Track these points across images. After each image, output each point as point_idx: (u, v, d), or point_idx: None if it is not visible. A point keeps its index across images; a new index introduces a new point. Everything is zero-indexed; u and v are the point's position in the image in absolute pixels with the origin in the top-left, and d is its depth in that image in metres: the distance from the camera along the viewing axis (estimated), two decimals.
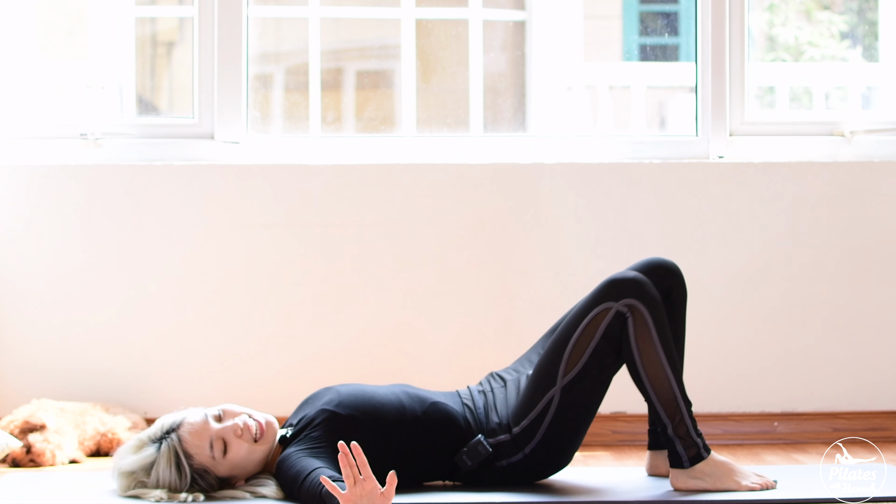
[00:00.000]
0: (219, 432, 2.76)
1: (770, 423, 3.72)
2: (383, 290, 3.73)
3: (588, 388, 2.78)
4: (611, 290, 2.77)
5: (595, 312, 2.76)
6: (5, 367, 3.68)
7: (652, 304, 2.75)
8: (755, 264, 3.76)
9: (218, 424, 2.78)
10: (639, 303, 2.74)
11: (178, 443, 2.76)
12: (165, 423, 2.80)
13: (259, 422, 2.79)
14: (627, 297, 2.75)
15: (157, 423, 2.82)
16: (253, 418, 2.79)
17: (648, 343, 2.73)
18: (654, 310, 2.75)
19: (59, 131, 3.77)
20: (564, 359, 2.77)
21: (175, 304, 3.70)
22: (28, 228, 3.69)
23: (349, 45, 4.55)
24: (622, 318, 2.74)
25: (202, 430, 2.77)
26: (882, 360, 3.77)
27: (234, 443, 2.75)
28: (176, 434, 2.77)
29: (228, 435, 2.76)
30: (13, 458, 3.31)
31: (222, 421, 2.79)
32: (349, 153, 3.84)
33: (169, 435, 2.77)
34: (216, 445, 2.75)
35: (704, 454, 2.75)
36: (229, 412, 2.80)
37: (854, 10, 4.63)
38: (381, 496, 2.42)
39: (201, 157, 3.78)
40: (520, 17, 4.65)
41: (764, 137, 3.85)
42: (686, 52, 4.44)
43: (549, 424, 2.77)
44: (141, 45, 4.38)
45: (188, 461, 2.75)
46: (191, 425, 2.77)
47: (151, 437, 2.79)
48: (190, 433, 2.76)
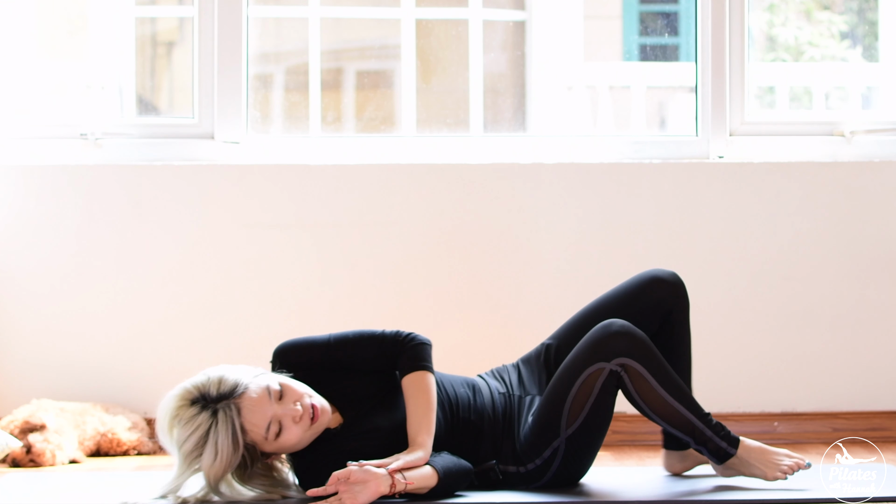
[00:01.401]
0: (278, 415, 2.60)
1: (770, 423, 3.72)
2: (383, 290, 3.73)
3: (594, 429, 2.77)
4: (601, 347, 2.72)
5: (589, 372, 2.72)
6: (5, 367, 3.68)
7: (644, 356, 2.71)
8: (755, 264, 3.76)
9: (278, 405, 2.60)
10: (630, 360, 2.70)
11: (237, 415, 2.57)
12: (221, 385, 2.59)
13: (316, 406, 2.64)
14: (619, 357, 2.70)
15: (207, 380, 2.61)
16: (311, 401, 2.64)
17: (650, 392, 2.72)
18: (647, 360, 2.72)
19: (59, 131, 3.77)
20: (565, 414, 2.74)
21: (175, 304, 3.70)
22: (28, 228, 3.69)
23: (349, 45, 4.55)
24: (617, 376, 2.71)
25: (263, 408, 2.59)
26: (882, 360, 3.77)
27: (290, 428, 2.60)
28: (234, 405, 2.58)
29: (287, 419, 2.60)
30: (13, 458, 3.31)
31: (282, 400, 2.62)
32: (349, 153, 3.84)
33: (227, 403, 2.58)
34: (273, 428, 2.59)
35: (732, 451, 2.78)
36: (289, 390, 2.63)
37: (854, 10, 4.63)
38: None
39: (201, 157, 3.77)
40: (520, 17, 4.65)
41: (764, 137, 3.85)
42: (686, 52, 4.43)
43: (559, 466, 2.78)
44: (141, 45, 4.38)
45: (243, 437, 2.58)
46: (251, 401, 2.58)
47: (205, 399, 2.58)
48: (250, 409, 2.58)
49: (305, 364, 2.77)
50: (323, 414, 2.65)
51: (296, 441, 2.63)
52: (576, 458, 2.78)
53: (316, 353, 2.78)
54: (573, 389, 2.73)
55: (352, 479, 2.55)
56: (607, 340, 2.72)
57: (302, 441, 2.65)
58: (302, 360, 2.77)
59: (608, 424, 2.80)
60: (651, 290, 2.93)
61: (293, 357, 2.78)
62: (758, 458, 2.80)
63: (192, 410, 2.59)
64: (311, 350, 2.78)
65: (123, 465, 3.35)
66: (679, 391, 2.74)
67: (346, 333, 2.80)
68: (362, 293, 3.73)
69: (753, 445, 2.81)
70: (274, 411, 2.60)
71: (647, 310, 2.92)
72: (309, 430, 2.64)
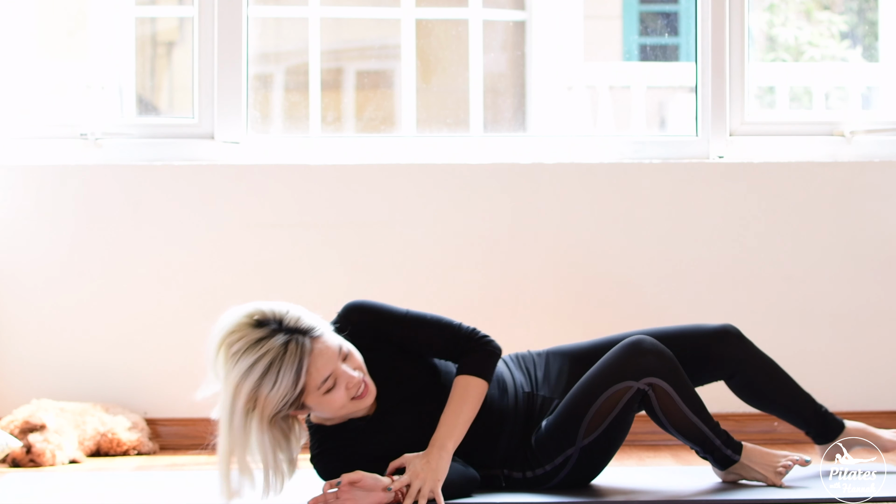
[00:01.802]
0: (338, 372, 2.53)
1: (770, 423, 3.72)
2: (383, 290, 3.73)
3: (610, 441, 2.75)
4: (631, 365, 2.69)
5: (616, 389, 2.69)
6: (5, 367, 3.68)
7: (672, 376, 2.70)
8: (755, 264, 3.76)
9: (341, 364, 2.55)
10: (659, 380, 2.69)
11: (307, 354, 2.50)
12: (299, 321, 2.52)
13: (367, 385, 2.59)
14: (648, 376, 2.69)
15: (286, 311, 2.53)
16: (365, 379, 2.60)
17: (675, 411, 2.72)
18: (676, 381, 2.71)
19: (59, 131, 3.77)
20: (584, 425, 2.72)
21: (175, 304, 3.70)
22: (28, 228, 3.69)
23: (349, 45, 4.55)
24: (643, 394, 2.70)
25: (330, 359, 2.52)
26: (882, 360, 3.77)
27: (340, 391, 2.53)
28: (309, 342, 2.51)
29: (342, 380, 2.53)
30: (13, 458, 3.31)
31: (345, 362, 2.57)
32: (349, 153, 3.84)
33: (302, 338, 2.51)
34: (328, 382, 2.51)
35: (736, 458, 2.79)
36: (352, 358, 2.58)
37: (854, 10, 4.63)
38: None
39: (201, 157, 3.77)
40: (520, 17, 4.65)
41: (764, 137, 3.85)
42: (686, 52, 4.44)
43: (568, 474, 2.77)
44: (141, 45, 4.38)
45: (304, 377, 2.50)
46: (324, 347, 2.51)
47: (279, 326, 2.51)
48: (319, 354, 2.51)
49: (370, 327, 2.72)
50: (368, 396, 2.60)
51: (338, 406, 2.56)
52: (586, 467, 2.77)
53: (386, 322, 2.73)
54: (597, 403, 2.70)
55: (360, 483, 2.53)
56: (637, 359, 2.70)
57: (338, 411, 2.59)
58: (369, 322, 2.72)
59: (625, 436, 2.78)
60: (719, 347, 2.92)
61: (363, 317, 2.72)
62: (758, 460, 2.81)
63: (262, 332, 2.49)
64: (384, 317, 2.73)
65: (123, 465, 3.35)
66: (698, 406, 2.74)
67: (424, 314, 2.77)
68: (362, 293, 3.72)
69: (754, 448, 2.82)
70: (336, 367, 2.54)
71: (703, 360, 2.92)
72: (349, 405, 2.59)
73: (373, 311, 2.73)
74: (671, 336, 2.90)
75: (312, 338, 2.51)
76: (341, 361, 2.56)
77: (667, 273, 3.75)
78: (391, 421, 2.70)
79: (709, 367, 2.93)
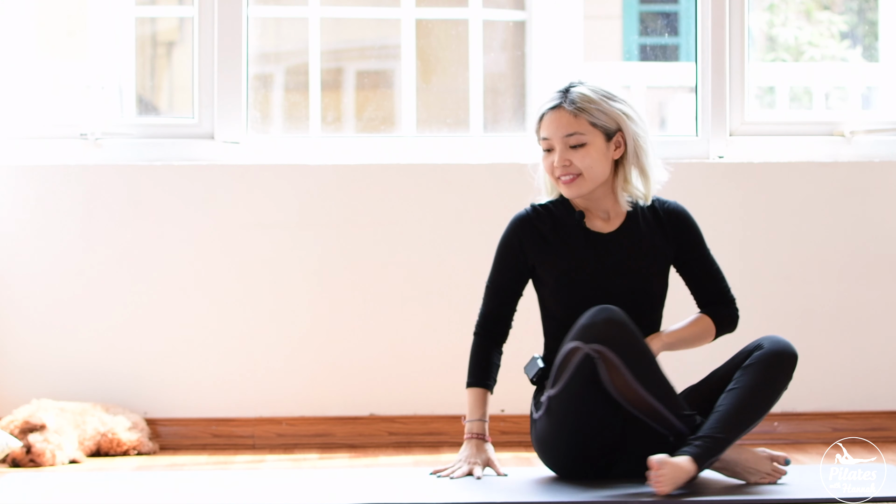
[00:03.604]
0: (556, 144, 2.93)
1: (770, 423, 3.72)
2: (383, 290, 3.73)
3: (566, 406, 2.78)
4: (586, 328, 2.73)
5: (568, 348, 2.75)
6: (5, 367, 3.68)
7: (622, 347, 2.72)
8: (755, 264, 3.76)
9: (566, 143, 2.89)
10: (606, 349, 2.71)
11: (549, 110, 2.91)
12: (581, 86, 2.91)
13: (574, 176, 2.90)
14: (596, 343, 2.71)
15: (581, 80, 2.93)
16: (572, 171, 2.90)
17: (622, 382, 2.73)
18: (625, 351, 2.72)
19: (59, 131, 3.77)
20: (552, 373, 2.81)
21: (175, 304, 3.70)
22: (28, 228, 3.69)
23: (349, 45, 4.55)
24: (592, 360, 2.73)
25: (555, 128, 2.91)
26: (882, 360, 3.77)
27: (551, 160, 2.93)
28: (555, 105, 2.91)
29: (555, 153, 2.92)
30: (13, 458, 3.31)
31: (573, 149, 2.89)
32: (349, 153, 3.84)
33: (561, 97, 2.91)
34: (547, 143, 2.95)
35: (684, 430, 2.76)
36: (586, 152, 2.90)
37: (854, 10, 4.63)
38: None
39: (201, 157, 3.77)
40: (520, 17, 4.65)
41: (764, 137, 3.85)
42: (686, 52, 4.43)
43: (541, 424, 2.84)
44: (141, 45, 4.38)
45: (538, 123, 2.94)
46: (558, 116, 2.90)
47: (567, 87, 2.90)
48: (551, 118, 2.92)
49: (685, 228, 3.04)
50: (572, 186, 2.89)
51: (547, 169, 2.94)
52: (551, 426, 2.81)
53: (697, 236, 3.05)
54: (560, 355, 2.79)
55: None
56: (592, 323, 2.74)
57: (550, 175, 2.94)
58: (688, 226, 3.04)
59: (582, 418, 2.78)
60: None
61: (687, 222, 3.04)
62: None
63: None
64: (698, 232, 3.06)
65: (123, 465, 3.35)
66: (651, 380, 2.74)
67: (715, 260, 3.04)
68: (362, 293, 3.73)
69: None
70: (555, 137, 2.90)
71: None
72: (559, 183, 2.92)
73: (694, 225, 3.03)
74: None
75: (563, 104, 2.86)
76: (568, 145, 2.85)
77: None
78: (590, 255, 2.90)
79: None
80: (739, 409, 2.75)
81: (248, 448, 3.67)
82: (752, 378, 2.78)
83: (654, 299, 2.96)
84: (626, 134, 2.90)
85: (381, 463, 3.37)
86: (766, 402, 2.78)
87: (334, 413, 3.70)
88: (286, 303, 3.71)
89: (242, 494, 2.85)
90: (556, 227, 2.94)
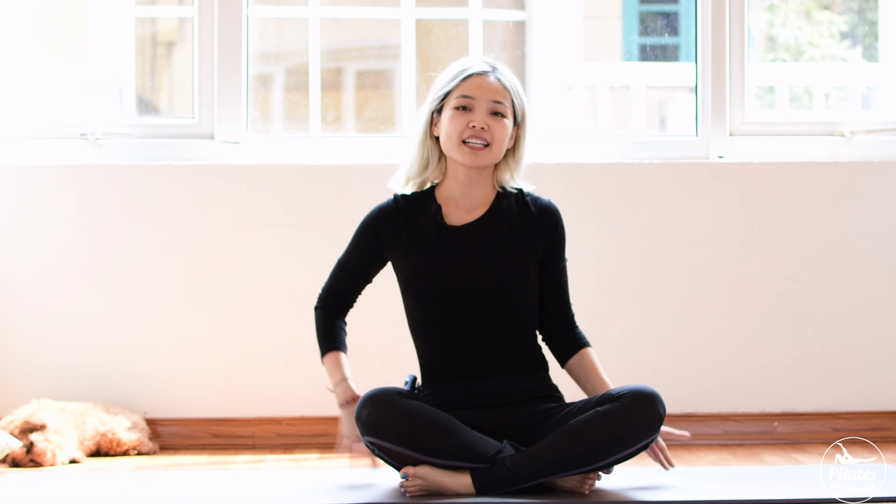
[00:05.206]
0: (480, 105, 2.83)
1: (770, 423, 3.72)
2: (383, 289, 3.72)
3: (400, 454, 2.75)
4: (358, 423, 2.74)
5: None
6: (5, 367, 3.68)
7: (389, 430, 2.69)
8: (755, 264, 3.76)
9: (490, 109, 2.82)
10: (378, 440, 2.70)
11: (476, 74, 2.86)
12: (505, 70, 2.88)
13: (490, 144, 2.81)
14: (367, 436, 2.72)
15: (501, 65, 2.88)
16: (488, 137, 2.81)
17: (409, 458, 2.71)
18: (392, 433, 2.70)
19: (59, 131, 3.77)
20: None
21: (175, 304, 3.70)
22: (28, 228, 3.69)
23: (349, 45, 4.55)
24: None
25: (485, 91, 2.83)
26: (882, 360, 3.77)
27: (467, 118, 2.81)
28: (488, 68, 2.86)
29: (475, 114, 2.82)
30: (13, 458, 3.31)
31: (494, 116, 2.82)
32: (349, 153, 3.84)
33: (489, 64, 2.87)
34: (465, 101, 2.83)
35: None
36: (500, 124, 2.83)
37: (854, 10, 4.63)
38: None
39: (201, 157, 3.78)
40: (520, 17, 4.65)
41: (764, 137, 3.85)
42: (686, 52, 4.43)
43: None
44: (141, 45, 4.38)
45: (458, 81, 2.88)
46: (491, 81, 2.84)
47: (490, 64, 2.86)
48: (481, 81, 2.85)
49: (554, 231, 2.93)
50: (484, 153, 2.82)
51: (455, 132, 2.81)
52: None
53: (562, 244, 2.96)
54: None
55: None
56: (358, 418, 2.74)
57: (453, 139, 2.81)
58: (558, 228, 2.94)
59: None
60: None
61: (557, 222, 2.94)
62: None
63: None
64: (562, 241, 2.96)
65: (123, 465, 3.35)
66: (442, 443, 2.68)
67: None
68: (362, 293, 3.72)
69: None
70: (482, 99, 2.81)
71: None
72: (463, 149, 2.81)
73: (563, 229, 2.93)
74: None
75: (497, 75, 2.81)
76: (491, 111, 2.79)
77: (666, 273, 3.75)
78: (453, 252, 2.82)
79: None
80: (550, 451, 2.67)
81: (248, 448, 3.67)
82: (587, 425, 2.67)
83: (516, 297, 2.82)
84: (522, 128, 2.87)
85: (381, 463, 3.36)
86: (580, 459, 2.66)
87: (334, 413, 3.69)
88: (286, 303, 3.71)
89: (242, 494, 2.85)
90: (410, 222, 2.87)
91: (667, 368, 3.72)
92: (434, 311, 2.82)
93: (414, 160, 2.91)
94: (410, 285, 2.87)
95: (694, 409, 3.72)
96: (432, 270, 2.82)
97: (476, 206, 2.87)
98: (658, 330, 3.73)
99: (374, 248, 2.92)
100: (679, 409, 3.69)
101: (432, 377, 2.87)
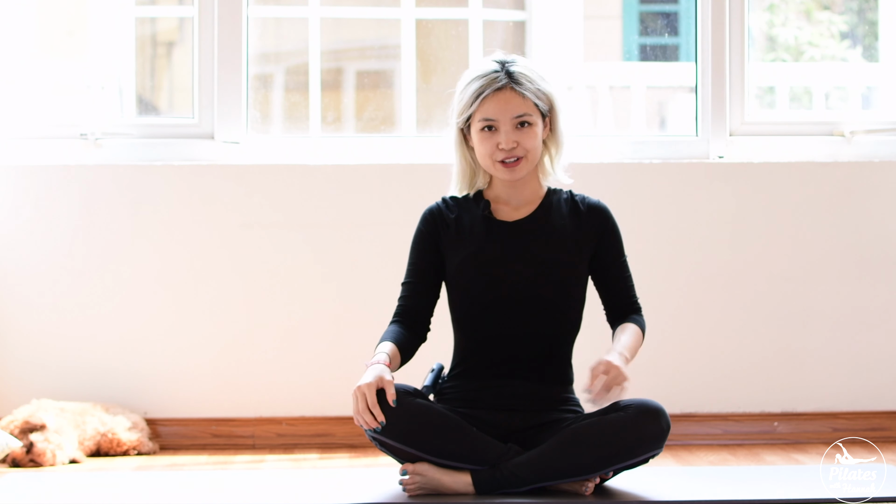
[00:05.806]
0: (504, 126, 2.79)
1: (770, 423, 3.72)
2: (383, 290, 3.73)
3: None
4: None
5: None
6: (5, 367, 3.68)
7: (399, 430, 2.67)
8: (755, 264, 3.76)
9: (514, 124, 2.78)
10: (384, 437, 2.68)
11: (495, 88, 2.78)
12: (517, 62, 2.81)
13: (520, 159, 2.79)
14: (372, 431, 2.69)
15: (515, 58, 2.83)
16: (518, 154, 2.79)
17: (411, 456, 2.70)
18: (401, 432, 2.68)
19: (59, 131, 3.77)
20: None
21: (175, 304, 3.70)
22: (28, 228, 3.69)
23: (349, 45, 4.55)
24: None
25: (504, 109, 2.78)
26: (882, 360, 3.77)
27: (494, 141, 2.79)
28: (505, 82, 2.78)
29: (500, 134, 2.79)
30: (13, 458, 3.31)
31: (520, 130, 2.79)
32: (349, 153, 3.84)
33: (505, 75, 2.79)
34: (488, 123, 2.80)
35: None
36: (530, 133, 2.79)
37: (854, 10, 4.63)
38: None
39: (201, 157, 3.78)
40: (520, 17, 4.65)
41: (764, 137, 3.85)
42: (686, 52, 4.43)
43: None
44: (141, 45, 4.38)
45: (479, 103, 2.80)
46: (509, 97, 2.79)
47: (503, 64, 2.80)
48: (499, 97, 2.78)
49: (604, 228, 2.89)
50: (517, 168, 2.79)
51: (485, 153, 2.80)
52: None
53: (616, 238, 2.90)
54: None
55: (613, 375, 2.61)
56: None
57: (485, 159, 2.82)
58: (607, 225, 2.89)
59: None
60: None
61: (605, 218, 2.90)
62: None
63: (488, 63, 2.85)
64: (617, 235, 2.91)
65: (123, 465, 3.36)
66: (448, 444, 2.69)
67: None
68: (362, 293, 3.73)
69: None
70: (504, 118, 2.78)
71: None
72: (498, 167, 2.80)
73: (616, 226, 2.88)
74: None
75: (511, 85, 2.76)
76: (515, 125, 2.75)
77: (665, 273, 3.75)
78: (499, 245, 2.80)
79: None
80: (551, 457, 2.67)
81: (248, 448, 3.67)
82: (589, 433, 2.67)
83: (561, 295, 2.80)
84: (555, 113, 2.84)
85: (381, 463, 3.37)
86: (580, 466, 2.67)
87: (334, 413, 3.70)
88: (286, 303, 3.71)
89: (242, 494, 2.85)
90: (461, 217, 2.87)
91: (667, 368, 3.72)
92: (479, 304, 2.80)
93: (459, 171, 2.93)
94: (457, 278, 2.83)
95: (694, 409, 3.72)
96: (480, 262, 2.81)
97: (524, 203, 2.87)
98: (658, 330, 3.73)
99: (434, 247, 2.89)
100: (679, 409, 3.69)
101: (463, 371, 2.84)
